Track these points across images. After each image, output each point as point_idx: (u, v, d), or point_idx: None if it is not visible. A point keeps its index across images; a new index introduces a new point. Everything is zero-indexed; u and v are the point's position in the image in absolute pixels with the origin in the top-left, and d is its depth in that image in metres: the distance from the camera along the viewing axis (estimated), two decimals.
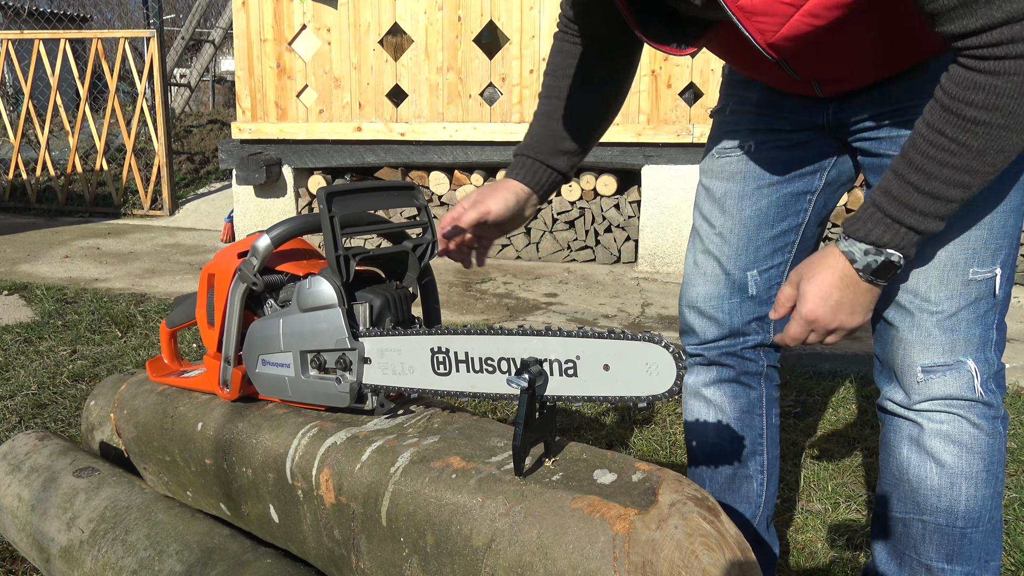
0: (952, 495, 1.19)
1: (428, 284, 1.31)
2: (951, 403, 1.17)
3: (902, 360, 1.20)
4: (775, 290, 1.36)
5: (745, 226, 1.34)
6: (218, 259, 1.32)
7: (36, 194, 7.10)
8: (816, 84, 1.21)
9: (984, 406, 1.17)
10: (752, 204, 1.33)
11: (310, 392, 1.22)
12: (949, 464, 1.18)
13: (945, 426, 1.18)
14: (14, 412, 2.50)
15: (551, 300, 4.07)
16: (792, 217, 1.34)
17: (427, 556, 1.00)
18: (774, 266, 1.36)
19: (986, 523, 1.21)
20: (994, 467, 1.19)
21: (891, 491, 1.25)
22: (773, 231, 1.34)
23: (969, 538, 1.21)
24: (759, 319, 1.39)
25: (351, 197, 1.17)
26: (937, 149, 0.95)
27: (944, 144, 0.94)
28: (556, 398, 1.01)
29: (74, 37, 6.84)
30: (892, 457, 1.24)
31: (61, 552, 1.42)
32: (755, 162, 1.33)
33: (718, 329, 1.40)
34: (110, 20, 21.11)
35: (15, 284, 4.22)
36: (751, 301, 1.37)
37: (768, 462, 1.49)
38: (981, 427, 1.17)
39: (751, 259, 1.35)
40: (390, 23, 5.07)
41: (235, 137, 5.39)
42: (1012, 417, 2.54)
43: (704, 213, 1.40)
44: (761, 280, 1.36)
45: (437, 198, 5.16)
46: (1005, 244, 1.14)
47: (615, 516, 0.88)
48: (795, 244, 1.36)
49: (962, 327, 1.15)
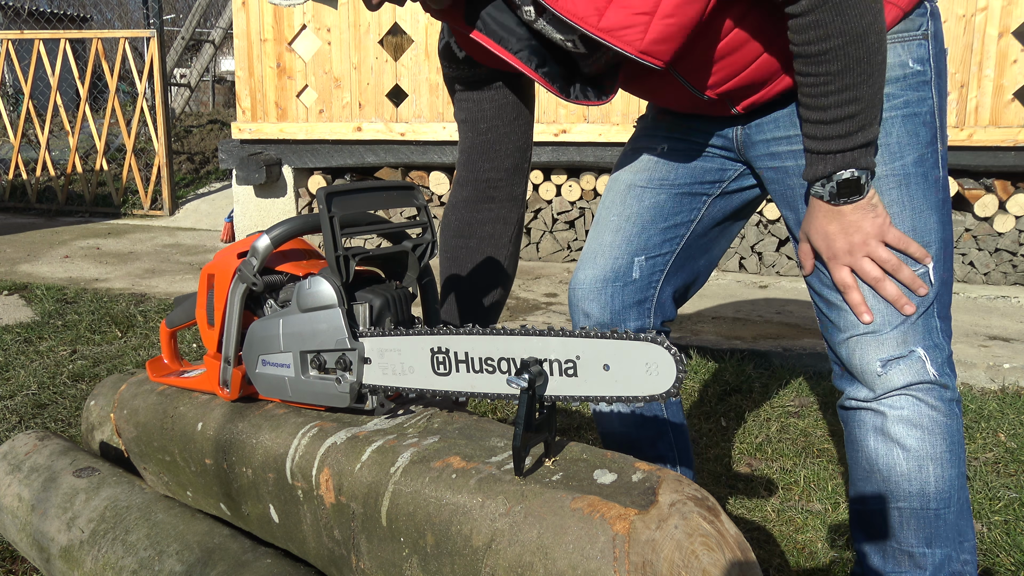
0: (922, 478, 1.26)
1: (428, 284, 1.31)
2: (910, 389, 1.25)
3: (860, 360, 1.26)
4: (656, 277, 1.47)
5: (641, 216, 1.45)
6: (218, 259, 1.32)
7: (36, 194, 7.10)
8: (728, 102, 1.31)
9: (940, 388, 1.25)
10: (651, 197, 1.45)
11: (310, 392, 1.22)
12: (914, 448, 1.25)
13: (906, 411, 1.25)
14: (14, 412, 2.50)
15: (551, 300, 4.07)
16: (685, 213, 1.45)
17: (427, 556, 1.00)
18: (660, 255, 1.46)
19: (956, 503, 1.27)
20: (956, 447, 1.26)
21: (864, 485, 1.31)
22: (666, 223, 1.45)
23: (943, 519, 1.27)
24: (639, 303, 1.47)
25: (351, 197, 1.17)
26: (816, 87, 1.13)
27: (817, 81, 1.12)
28: (556, 398, 1.01)
29: (74, 37, 6.84)
30: (860, 452, 1.31)
31: (61, 552, 1.42)
32: (663, 163, 1.45)
33: (600, 311, 1.47)
34: (110, 20, 21.11)
35: (15, 284, 4.22)
36: (632, 285, 1.46)
37: (676, 439, 1.57)
38: (939, 408, 1.25)
39: (640, 246, 1.45)
40: (390, 23, 5.07)
41: (235, 137, 5.39)
42: (1012, 417, 2.54)
43: (606, 202, 1.51)
44: (646, 266, 1.46)
45: (437, 198, 5.16)
46: (932, 240, 1.24)
47: (615, 516, 0.88)
48: (684, 238, 1.47)
49: (908, 320, 1.24)
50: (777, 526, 1.90)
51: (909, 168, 1.23)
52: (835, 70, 1.10)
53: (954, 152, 4.39)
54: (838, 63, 1.10)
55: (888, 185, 1.23)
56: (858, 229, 1.19)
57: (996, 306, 3.96)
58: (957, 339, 3.32)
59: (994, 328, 3.53)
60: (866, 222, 1.19)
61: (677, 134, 1.44)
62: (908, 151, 1.23)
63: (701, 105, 1.33)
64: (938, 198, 1.25)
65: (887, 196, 1.22)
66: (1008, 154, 4.34)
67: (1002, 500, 2.02)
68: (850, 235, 1.20)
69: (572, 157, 4.83)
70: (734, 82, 1.26)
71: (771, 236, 4.69)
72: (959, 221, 4.45)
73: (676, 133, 1.44)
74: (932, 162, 1.25)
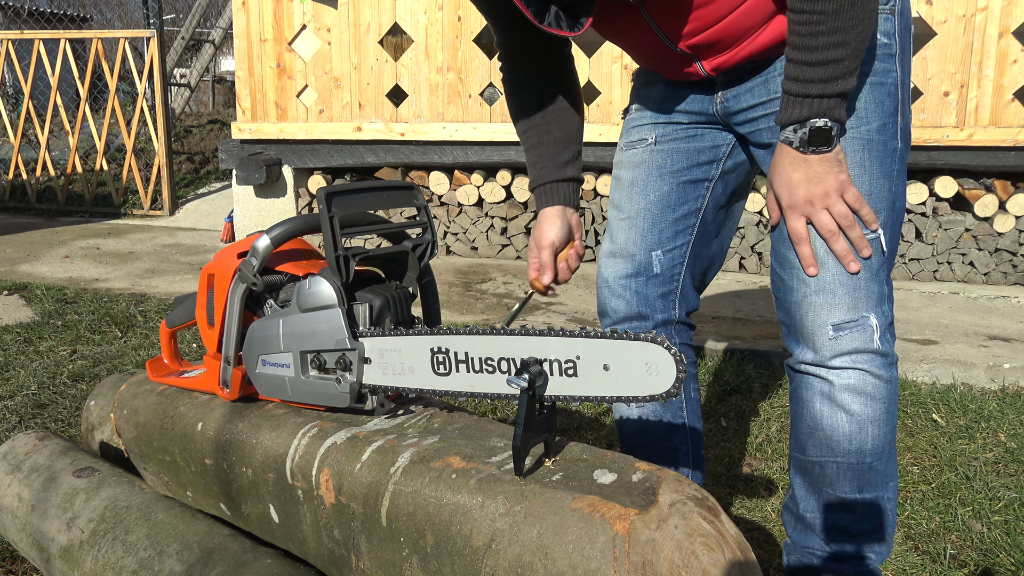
0: (861, 438, 1.33)
1: (428, 284, 1.31)
2: (856, 357, 1.30)
3: (812, 321, 1.31)
4: (677, 268, 1.51)
5: (649, 210, 1.49)
6: (218, 259, 1.32)
7: (36, 194, 7.10)
8: (698, 63, 1.34)
9: (882, 356, 1.31)
10: (655, 190, 1.48)
11: (310, 392, 1.22)
12: (857, 412, 1.32)
13: (852, 380, 1.31)
14: (14, 412, 2.50)
15: (551, 300, 4.07)
16: (691, 202, 1.49)
17: (427, 556, 1.00)
18: (676, 247, 1.50)
19: (886, 454, 1.37)
20: (892, 407, 1.35)
21: (806, 440, 1.39)
22: (675, 214, 1.49)
23: (875, 469, 1.36)
24: (663, 296, 1.52)
25: (351, 197, 1.17)
26: (806, 25, 1.15)
27: (809, 19, 1.14)
28: (556, 398, 1.01)
29: (74, 37, 6.84)
30: (805, 411, 1.38)
31: (61, 552, 1.42)
32: (657, 153, 1.49)
33: (627, 307, 1.52)
34: (110, 20, 21.11)
35: (15, 284, 4.22)
36: (656, 280, 1.51)
37: (691, 433, 1.61)
38: (881, 376, 1.31)
39: (655, 240, 1.49)
40: (390, 23, 5.07)
41: (235, 137, 5.39)
42: (1012, 417, 2.54)
43: (615, 201, 1.55)
44: (665, 259, 1.50)
45: (437, 198, 5.16)
46: (883, 207, 1.28)
47: (615, 516, 0.88)
48: (695, 227, 1.51)
49: (861, 284, 1.28)
50: (777, 526, 1.90)
51: (873, 134, 1.27)
52: (830, 8, 1.12)
53: (954, 152, 4.39)
54: (832, 3, 1.12)
55: (852, 147, 1.27)
56: (821, 181, 1.22)
57: (996, 306, 3.96)
58: (957, 339, 3.32)
59: (994, 328, 3.53)
60: (830, 176, 1.22)
61: (662, 119, 1.48)
62: (873, 118, 1.27)
63: (668, 58, 1.36)
64: (894, 168, 1.30)
65: (850, 158, 1.27)
66: (1008, 154, 4.34)
67: (1002, 500, 2.02)
68: (812, 185, 1.22)
69: None
70: (706, 35, 1.28)
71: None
72: (959, 221, 4.45)
73: (661, 118, 1.48)
74: (892, 132, 1.29)
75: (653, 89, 1.50)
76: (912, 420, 2.54)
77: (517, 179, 4.99)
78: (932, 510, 1.98)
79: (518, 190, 4.99)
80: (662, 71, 1.45)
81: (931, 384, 2.88)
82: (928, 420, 2.54)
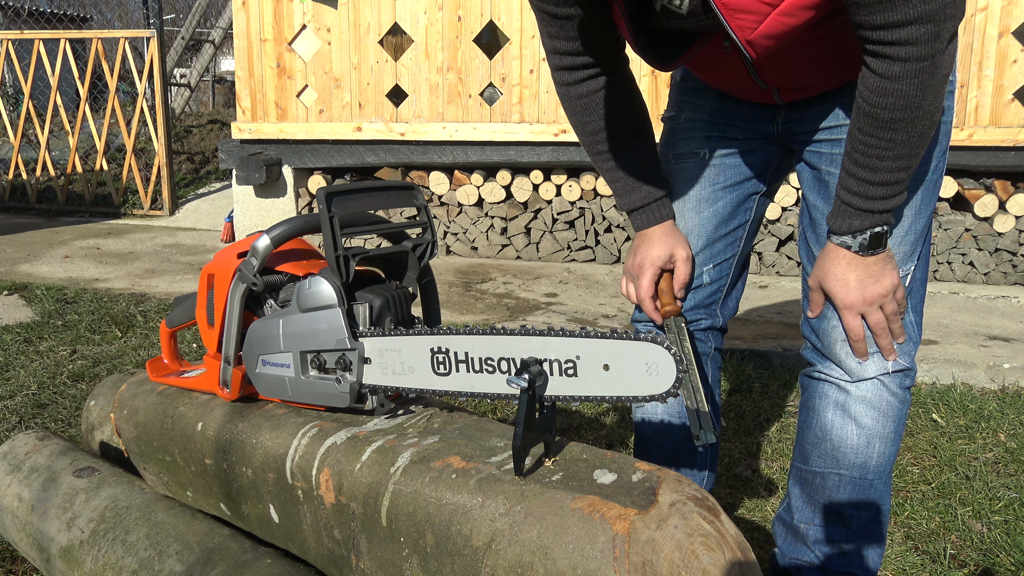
0: (867, 452, 1.35)
1: (428, 284, 1.31)
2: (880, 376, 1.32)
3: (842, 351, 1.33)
4: (723, 280, 1.51)
5: (704, 227, 1.47)
6: (218, 259, 1.32)
7: (36, 194, 7.10)
8: (776, 92, 1.33)
9: (903, 375, 1.32)
10: (709, 206, 1.47)
11: (310, 392, 1.22)
12: (868, 426, 1.33)
13: (869, 393, 1.33)
14: (14, 412, 2.50)
15: (551, 300, 4.07)
16: (742, 215, 1.49)
17: (427, 556, 1.00)
18: (725, 260, 1.50)
19: (887, 474, 1.38)
20: (899, 428, 1.36)
21: (812, 450, 1.39)
22: (726, 228, 1.48)
23: (875, 488, 1.37)
24: (708, 305, 1.52)
25: (351, 197, 1.17)
26: (873, 148, 1.15)
27: (876, 143, 1.14)
28: (556, 398, 1.01)
29: (74, 37, 6.84)
30: (816, 419, 1.38)
31: (61, 552, 1.42)
32: (710, 168, 1.46)
33: None
34: (110, 20, 21.12)
35: (15, 284, 4.22)
36: (703, 290, 1.50)
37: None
38: (897, 394, 1.33)
39: (708, 255, 1.48)
40: (390, 23, 5.07)
41: (235, 137, 5.39)
42: (1012, 417, 2.54)
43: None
44: (714, 272, 1.50)
45: (437, 198, 5.16)
46: (919, 242, 1.32)
47: (615, 516, 0.88)
48: (743, 239, 1.52)
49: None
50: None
51: (928, 175, 1.29)
52: (899, 139, 1.12)
53: (954, 152, 4.38)
54: (904, 134, 1.11)
55: (909, 189, 1.26)
56: (878, 281, 1.24)
57: (996, 306, 3.96)
58: (957, 339, 3.32)
59: (994, 328, 3.53)
60: (886, 277, 1.24)
61: (716, 132, 1.44)
62: (930, 159, 1.28)
63: (749, 88, 1.34)
64: (933, 201, 1.32)
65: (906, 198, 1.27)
66: (1008, 154, 4.33)
67: (1002, 500, 2.02)
68: (871, 286, 1.24)
69: (572, 157, 4.83)
70: (799, 79, 1.29)
71: (771, 236, 4.69)
72: (959, 221, 4.45)
73: (715, 131, 1.44)
74: (940, 167, 1.31)
75: (705, 98, 1.45)
76: (912, 420, 2.54)
77: (517, 179, 4.99)
78: (932, 510, 1.98)
79: (518, 190, 4.99)
80: (730, 91, 1.41)
81: (931, 384, 2.88)
82: (928, 420, 2.55)
